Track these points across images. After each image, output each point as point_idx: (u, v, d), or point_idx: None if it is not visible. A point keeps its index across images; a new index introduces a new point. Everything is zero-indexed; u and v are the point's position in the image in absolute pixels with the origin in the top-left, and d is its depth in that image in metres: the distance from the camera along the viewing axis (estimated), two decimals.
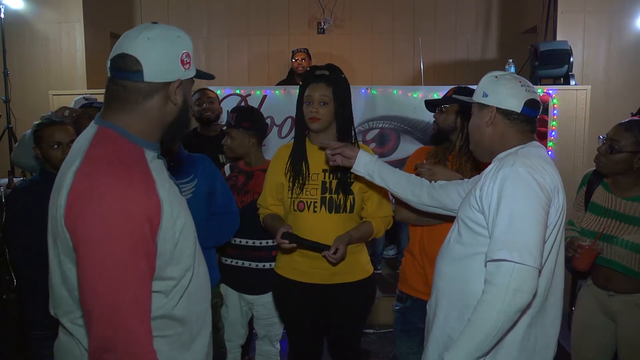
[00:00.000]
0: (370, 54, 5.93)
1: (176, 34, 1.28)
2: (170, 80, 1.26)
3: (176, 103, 1.28)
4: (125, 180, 1.14)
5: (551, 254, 1.51)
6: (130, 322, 1.11)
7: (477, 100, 1.64)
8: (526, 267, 1.36)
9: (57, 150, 2.23)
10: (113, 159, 1.18)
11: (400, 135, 3.81)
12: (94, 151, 1.20)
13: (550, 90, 3.74)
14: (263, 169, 2.47)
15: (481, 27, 5.91)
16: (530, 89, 1.60)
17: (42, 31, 4.64)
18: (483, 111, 1.62)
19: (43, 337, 2.26)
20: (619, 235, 2.07)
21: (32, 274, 2.23)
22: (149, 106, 1.26)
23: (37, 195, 2.23)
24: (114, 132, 1.24)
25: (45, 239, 1.65)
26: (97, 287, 1.10)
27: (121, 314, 1.11)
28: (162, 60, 1.25)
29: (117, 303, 1.10)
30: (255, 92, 3.80)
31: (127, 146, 1.23)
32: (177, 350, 1.32)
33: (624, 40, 4.48)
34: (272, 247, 2.50)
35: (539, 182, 1.44)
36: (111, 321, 1.10)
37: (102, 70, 5.67)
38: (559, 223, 1.52)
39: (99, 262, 1.10)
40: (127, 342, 1.11)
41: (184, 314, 1.31)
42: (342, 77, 2.16)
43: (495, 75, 1.63)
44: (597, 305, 2.18)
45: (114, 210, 1.11)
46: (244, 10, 5.96)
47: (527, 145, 1.59)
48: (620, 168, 2.09)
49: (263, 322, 2.59)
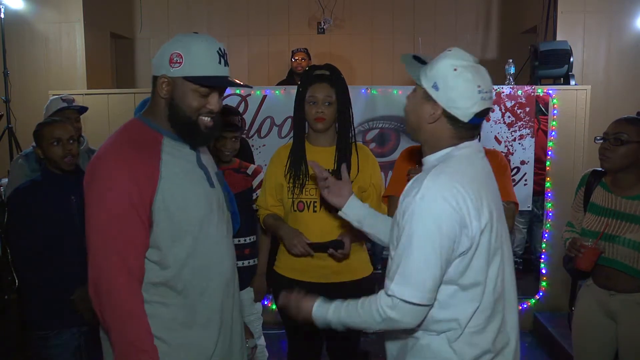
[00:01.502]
0: (370, 54, 5.93)
1: (181, 37, 1.47)
2: (156, 74, 1.46)
3: (163, 97, 1.46)
4: (118, 156, 1.40)
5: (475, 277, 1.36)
6: (112, 269, 1.36)
7: (424, 87, 1.40)
8: (411, 305, 1.31)
9: (57, 147, 2.23)
10: (129, 138, 1.44)
11: (400, 135, 3.81)
12: (118, 132, 1.48)
13: (550, 90, 3.74)
14: (234, 168, 2.53)
15: (481, 27, 5.91)
16: (487, 94, 1.37)
17: (42, 31, 4.64)
18: (428, 103, 1.40)
19: (43, 338, 2.27)
20: (621, 234, 2.07)
21: (33, 274, 2.24)
22: (154, 97, 1.49)
23: (38, 196, 2.23)
24: (138, 121, 1.50)
25: (46, 239, 1.72)
26: (89, 238, 1.40)
27: (104, 262, 1.37)
28: (157, 56, 1.46)
29: (100, 254, 1.38)
30: (255, 92, 3.80)
31: (144, 130, 1.47)
32: (178, 322, 1.46)
33: (624, 40, 4.48)
34: (244, 246, 2.52)
35: (443, 213, 1.30)
36: (98, 268, 1.38)
37: (102, 70, 5.69)
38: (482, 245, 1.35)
39: (92, 218, 1.39)
40: (109, 282, 1.37)
41: (184, 286, 1.46)
42: (341, 77, 2.18)
43: (454, 67, 1.36)
44: (598, 305, 2.18)
45: (103, 176, 1.39)
46: (244, 10, 5.96)
47: (459, 148, 1.41)
48: (626, 162, 2.07)
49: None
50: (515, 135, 3.72)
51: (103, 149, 1.45)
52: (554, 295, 3.73)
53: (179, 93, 1.45)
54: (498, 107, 3.71)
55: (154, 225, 1.42)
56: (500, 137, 3.73)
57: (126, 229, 1.38)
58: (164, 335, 1.44)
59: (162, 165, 1.43)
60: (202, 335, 1.50)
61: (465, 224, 1.32)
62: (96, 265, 1.39)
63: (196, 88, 1.45)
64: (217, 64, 1.46)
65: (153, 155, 1.44)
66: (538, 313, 3.76)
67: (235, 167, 2.55)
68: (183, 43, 1.44)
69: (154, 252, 1.43)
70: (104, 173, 1.39)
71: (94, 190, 1.40)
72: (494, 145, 3.66)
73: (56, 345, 2.26)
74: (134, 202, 1.37)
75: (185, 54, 1.42)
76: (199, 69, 1.43)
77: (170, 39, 1.49)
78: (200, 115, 1.48)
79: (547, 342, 3.53)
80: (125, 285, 1.38)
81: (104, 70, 5.07)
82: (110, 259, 1.37)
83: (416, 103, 1.44)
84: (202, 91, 1.45)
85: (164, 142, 1.47)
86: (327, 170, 1.81)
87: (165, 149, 1.47)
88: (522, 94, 3.70)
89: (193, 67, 1.43)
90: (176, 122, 1.47)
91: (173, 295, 1.46)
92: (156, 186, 1.40)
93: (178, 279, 1.46)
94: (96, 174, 1.40)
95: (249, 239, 2.55)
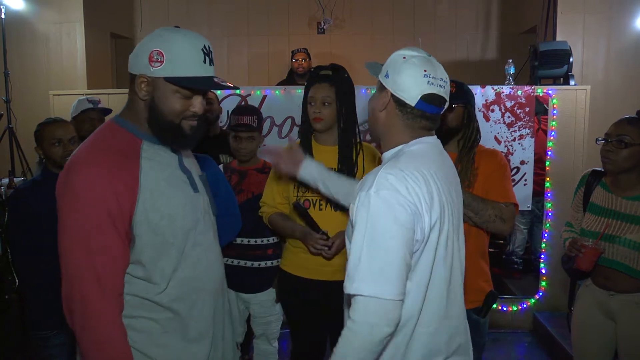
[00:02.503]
0: (370, 54, 5.92)
1: (161, 32, 1.33)
2: (134, 72, 1.33)
3: (142, 98, 1.34)
4: (95, 164, 1.28)
5: (421, 276, 1.33)
6: (84, 286, 1.26)
7: (378, 78, 1.45)
8: (382, 301, 1.22)
9: (57, 148, 2.24)
10: (104, 144, 1.33)
11: None
12: (94, 136, 1.37)
13: (550, 90, 3.74)
14: (257, 168, 2.50)
15: (481, 27, 5.91)
16: (436, 81, 1.36)
17: (42, 31, 4.64)
18: (382, 93, 1.42)
19: (43, 338, 2.27)
20: (621, 234, 2.07)
21: (34, 274, 2.24)
22: (131, 96, 1.38)
23: (39, 196, 2.23)
24: (115, 124, 1.38)
25: (46, 239, 1.69)
26: (62, 251, 1.29)
27: (76, 278, 1.26)
28: (135, 53, 1.34)
29: (72, 268, 1.27)
30: (255, 92, 3.81)
31: (121, 134, 1.36)
32: (168, 338, 1.38)
33: (623, 40, 4.49)
34: (267, 246, 2.52)
35: (398, 204, 1.26)
36: (70, 283, 1.28)
37: (103, 70, 5.69)
38: (431, 241, 1.32)
39: (65, 228, 1.28)
40: (82, 302, 1.26)
41: (173, 300, 1.38)
42: (345, 77, 2.19)
43: (404, 55, 1.39)
44: (597, 305, 2.18)
45: (79, 185, 1.26)
46: (244, 10, 5.96)
47: (409, 145, 1.40)
48: (629, 164, 2.07)
49: (259, 321, 2.59)
50: (515, 135, 3.73)
51: (78, 155, 1.32)
52: (553, 295, 3.73)
53: (160, 95, 1.33)
54: (498, 107, 3.71)
55: (135, 239, 1.31)
56: (500, 137, 3.73)
57: (102, 243, 1.26)
58: (154, 352, 1.37)
59: (141, 174, 1.32)
60: (193, 351, 1.42)
61: (420, 214, 1.29)
62: (68, 281, 1.28)
63: (178, 89, 1.33)
64: (202, 64, 1.32)
65: (132, 163, 1.32)
66: (538, 313, 3.76)
67: (259, 167, 2.52)
68: (164, 39, 1.30)
69: (137, 268, 1.34)
70: (81, 181, 1.26)
71: (68, 199, 1.28)
72: (494, 145, 3.66)
73: (56, 345, 2.26)
74: (113, 214, 1.26)
75: (167, 52, 1.29)
76: (182, 69, 1.30)
77: None
78: (184, 118, 1.37)
79: (546, 342, 3.53)
80: (99, 304, 1.25)
81: (104, 70, 5.07)
82: (83, 276, 1.25)
83: (373, 97, 1.47)
84: (185, 93, 1.34)
85: (143, 146, 1.36)
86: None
87: (145, 154, 1.36)
88: (522, 94, 3.70)
89: (175, 67, 1.30)
90: (157, 126, 1.35)
91: (161, 310, 1.38)
92: (136, 197, 1.29)
93: (166, 294, 1.37)
94: (71, 182, 1.27)
95: (272, 239, 2.53)
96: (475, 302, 1.97)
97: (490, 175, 2.02)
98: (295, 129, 3.82)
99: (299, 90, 3.92)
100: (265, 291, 2.48)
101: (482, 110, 3.70)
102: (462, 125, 2.07)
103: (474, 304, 1.97)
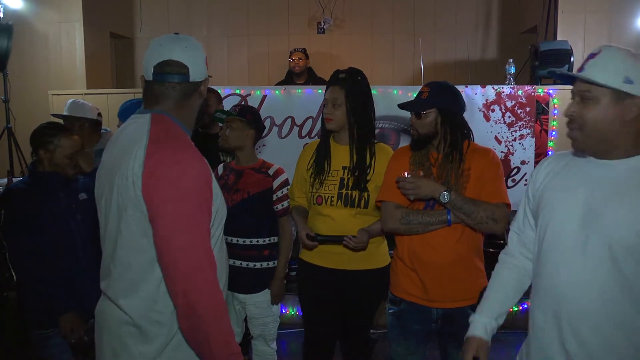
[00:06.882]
0: (370, 54, 5.93)
1: (198, 43, 1.55)
2: (199, 79, 1.53)
3: (203, 97, 1.57)
4: (190, 150, 1.39)
5: None
6: (206, 271, 1.31)
7: (614, 87, 1.28)
8: None
9: (69, 160, 2.30)
10: (174, 134, 1.42)
11: (400, 135, 3.81)
12: (157, 128, 1.41)
13: (551, 90, 3.74)
14: (254, 168, 2.50)
15: (481, 27, 5.90)
16: None
17: (41, 31, 4.64)
18: (623, 102, 1.28)
19: (43, 337, 2.27)
20: None
21: (32, 274, 2.23)
22: (192, 100, 1.53)
23: (31, 196, 2.23)
24: (166, 117, 1.47)
25: (44, 239, 1.68)
26: (177, 240, 1.29)
27: (198, 263, 1.30)
28: (199, 64, 1.52)
29: (193, 254, 1.30)
30: (255, 92, 3.80)
31: (178, 127, 1.48)
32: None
33: (624, 40, 4.48)
34: (263, 247, 2.50)
35: None
36: (191, 269, 1.29)
37: (102, 70, 5.67)
38: None
39: (177, 218, 1.30)
40: (205, 286, 1.30)
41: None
42: (358, 79, 2.28)
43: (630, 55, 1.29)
44: None
45: (189, 173, 1.33)
46: (244, 10, 5.96)
47: None
48: None
49: (256, 322, 2.58)
50: (515, 135, 3.72)
51: (163, 146, 1.36)
52: None
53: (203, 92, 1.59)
54: (498, 107, 3.71)
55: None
56: (501, 137, 3.73)
57: (207, 229, 1.37)
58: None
59: None
60: None
61: None
62: (183, 268, 1.29)
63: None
64: None
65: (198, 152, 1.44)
66: None
67: (257, 166, 2.51)
68: (201, 47, 1.55)
69: None
70: (181, 161, 1.33)
71: (175, 189, 1.31)
72: (494, 145, 3.66)
73: (56, 344, 2.26)
74: (208, 197, 1.38)
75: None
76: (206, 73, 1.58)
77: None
78: None
79: None
80: (212, 275, 1.33)
81: (104, 70, 5.06)
82: (208, 263, 1.33)
83: (602, 109, 1.33)
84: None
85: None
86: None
87: None
88: (523, 94, 3.70)
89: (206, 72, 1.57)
90: (202, 115, 1.60)
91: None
92: (212, 182, 1.42)
93: None
94: (169, 167, 1.32)
95: (269, 239, 2.52)
96: (471, 299, 1.97)
97: (482, 175, 2.00)
98: (295, 128, 3.81)
99: (299, 90, 3.92)
100: (261, 292, 2.47)
101: (483, 110, 3.70)
102: (435, 131, 2.03)
103: (471, 301, 1.97)
